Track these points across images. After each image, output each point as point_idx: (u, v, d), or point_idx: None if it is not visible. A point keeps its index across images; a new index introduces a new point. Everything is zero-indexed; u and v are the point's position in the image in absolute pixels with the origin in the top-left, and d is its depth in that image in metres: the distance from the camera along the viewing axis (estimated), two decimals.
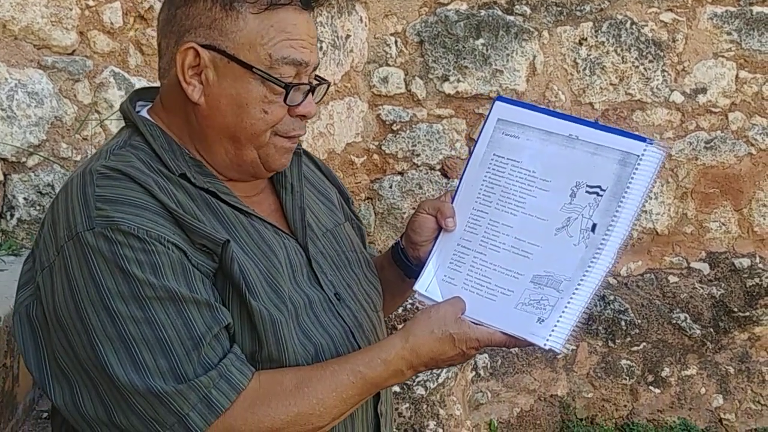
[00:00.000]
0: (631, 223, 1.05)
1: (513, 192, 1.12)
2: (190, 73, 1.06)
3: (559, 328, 1.03)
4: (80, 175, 1.04)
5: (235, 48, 1.05)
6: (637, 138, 1.07)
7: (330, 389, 1.01)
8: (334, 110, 2.96)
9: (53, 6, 2.22)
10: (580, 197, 1.08)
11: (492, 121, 1.17)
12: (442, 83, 3.09)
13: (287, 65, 1.06)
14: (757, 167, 3.44)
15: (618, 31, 3.20)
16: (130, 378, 0.95)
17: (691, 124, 3.34)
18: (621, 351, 3.17)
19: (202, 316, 0.98)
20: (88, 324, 0.96)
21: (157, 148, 1.07)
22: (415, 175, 3.15)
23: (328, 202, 1.29)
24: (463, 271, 1.13)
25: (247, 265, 1.04)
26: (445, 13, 3.06)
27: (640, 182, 1.06)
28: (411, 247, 1.23)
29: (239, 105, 1.06)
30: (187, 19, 1.07)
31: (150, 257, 0.97)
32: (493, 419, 3.02)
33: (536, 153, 1.12)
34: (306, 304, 1.10)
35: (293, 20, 1.07)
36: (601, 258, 1.05)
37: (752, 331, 3.31)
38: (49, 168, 2.24)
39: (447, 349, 1.05)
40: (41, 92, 2.22)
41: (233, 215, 1.09)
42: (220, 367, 0.98)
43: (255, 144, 1.08)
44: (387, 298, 1.32)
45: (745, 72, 3.34)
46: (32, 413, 1.90)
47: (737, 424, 3.33)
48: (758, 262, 3.43)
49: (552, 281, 1.06)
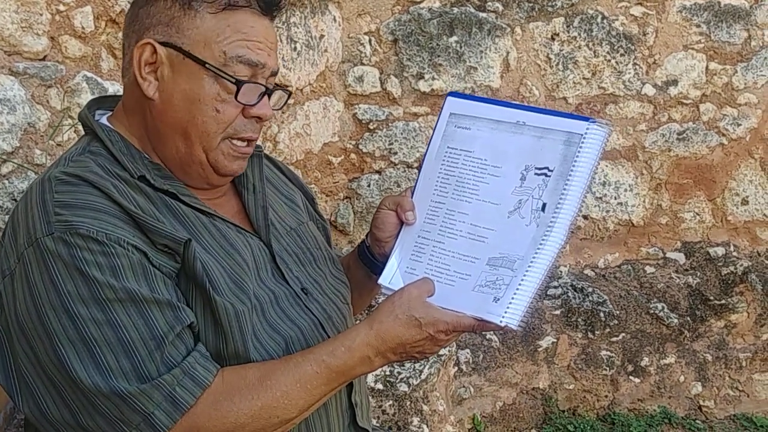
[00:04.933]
0: (580, 200, 1.09)
1: (467, 181, 1.16)
2: (146, 69, 1.07)
3: (513, 305, 1.05)
4: (39, 182, 1.05)
5: (190, 45, 1.06)
6: (580, 118, 1.11)
7: (293, 381, 1.01)
8: (310, 110, 2.96)
9: (23, 11, 2.20)
10: (529, 180, 1.11)
11: (445, 116, 1.20)
12: (417, 81, 3.10)
13: (241, 64, 1.07)
14: (728, 157, 3.49)
15: (589, 26, 3.23)
16: (94, 380, 0.95)
17: (663, 116, 3.38)
18: (600, 342, 3.20)
19: (164, 316, 0.99)
20: (50, 328, 0.97)
21: (116, 152, 1.08)
22: (392, 174, 3.16)
23: (291, 202, 1.30)
24: (423, 260, 1.15)
25: (210, 263, 1.05)
26: (419, 12, 3.08)
27: (586, 160, 1.09)
28: (376, 244, 1.25)
29: (192, 101, 1.06)
30: (148, 17, 1.08)
31: (110, 260, 0.97)
32: (477, 413, 3.04)
33: (487, 142, 1.16)
34: (272, 300, 1.11)
35: (251, 22, 1.08)
36: (552, 235, 1.08)
37: (728, 319, 3.36)
38: (23, 175, 2.22)
39: (414, 333, 1.05)
40: (13, 99, 2.20)
41: (194, 215, 1.09)
42: (184, 364, 0.98)
43: (204, 145, 1.09)
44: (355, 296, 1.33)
45: (714, 63, 3.38)
46: (13, 422, 1.89)
47: (716, 411, 3.38)
48: (732, 250, 3.48)
49: (506, 261, 1.09)
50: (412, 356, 1.09)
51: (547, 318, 3.15)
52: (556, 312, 3.17)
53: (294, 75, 2.80)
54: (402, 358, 1.08)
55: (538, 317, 3.13)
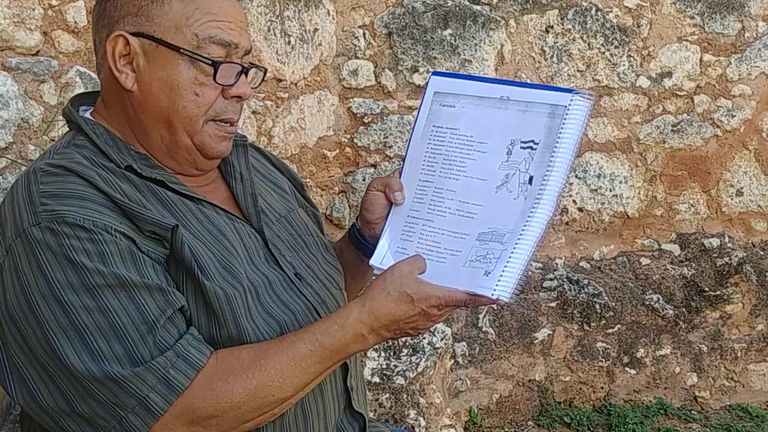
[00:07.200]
0: (566, 171, 1.09)
1: (454, 158, 1.16)
2: (122, 62, 1.08)
3: (504, 277, 1.05)
4: (25, 175, 1.05)
5: (162, 32, 1.06)
6: (564, 90, 1.12)
7: (288, 359, 1.01)
8: (304, 104, 2.95)
9: (15, 7, 2.19)
10: (516, 154, 1.12)
11: (429, 95, 1.21)
12: (412, 74, 3.10)
13: (214, 44, 1.07)
14: (723, 149, 3.50)
15: (583, 18, 3.23)
16: (87, 366, 0.96)
17: (657, 108, 3.39)
18: (596, 334, 3.21)
19: (155, 300, 0.99)
20: (41, 317, 0.97)
21: (101, 144, 1.08)
22: (388, 167, 3.16)
23: (280, 189, 1.31)
24: (414, 240, 1.16)
25: (198, 248, 1.05)
26: (413, 5, 3.07)
27: (570, 131, 1.09)
28: (366, 226, 1.25)
29: (171, 88, 1.07)
30: (116, 10, 1.08)
31: (98, 246, 0.97)
32: (473, 406, 3.05)
33: (472, 118, 1.16)
34: (266, 284, 1.11)
35: (218, 3, 1.09)
36: (540, 207, 1.08)
37: (723, 310, 3.37)
38: (17, 171, 2.21)
39: (406, 308, 1.05)
40: (6, 94, 2.19)
41: (181, 202, 1.10)
42: (177, 347, 0.99)
43: (188, 130, 1.09)
44: (348, 280, 1.34)
45: (708, 55, 3.39)
46: (9, 417, 1.89)
47: (712, 401, 3.39)
48: (727, 241, 3.49)
49: (496, 236, 1.09)
50: (405, 332, 1.09)
51: (543, 310, 3.16)
52: (551, 304, 3.18)
53: (288, 69, 2.79)
54: (396, 334, 1.08)
55: (534, 309, 3.13)
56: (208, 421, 0.99)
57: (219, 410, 0.98)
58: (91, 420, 0.97)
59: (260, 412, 1.02)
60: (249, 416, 1.01)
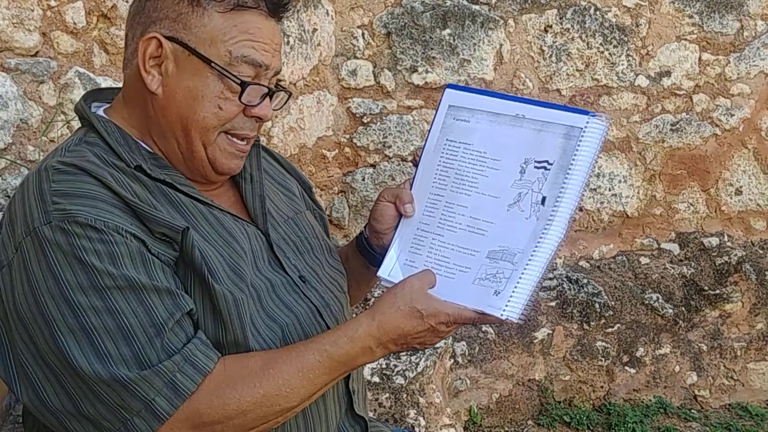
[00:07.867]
0: (579, 193, 1.09)
1: (466, 174, 1.16)
2: (151, 62, 1.07)
3: (514, 298, 1.06)
4: (36, 172, 1.05)
5: (197, 42, 1.06)
6: (580, 112, 1.11)
7: (296, 369, 1.02)
8: (303, 104, 2.95)
9: (14, 7, 2.19)
10: (529, 173, 1.11)
11: (443, 108, 1.20)
12: (411, 74, 3.10)
13: (246, 64, 1.07)
14: (722, 147, 3.50)
15: (582, 18, 3.23)
16: (94, 368, 0.95)
17: (656, 107, 3.39)
18: (596, 333, 3.21)
19: (163, 303, 0.99)
20: (49, 317, 0.97)
21: (112, 142, 1.08)
22: (387, 167, 3.16)
23: (288, 191, 1.31)
24: (423, 253, 1.15)
25: (209, 251, 1.05)
26: (411, 5, 3.07)
27: (585, 153, 1.09)
28: (374, 236, 1.25)
29: (195, 98, 1.07)
30: (155, 11, 1.08)
31: (108, 247, 0.97)
32: (473, 405, 3.05)
33: (486, 134, 1.16)
34: (268, 288, 1.11)
35: (258, 23, 1.09)
36: (552, 228, 1.08)
37: (723, 309, 3.37)
38: (16, 171, 2.21)
39: (415, 324, 1.05)
40: (5, 95, 2.19)
41: (191, 204, 1.10)
42: (185, 351, 0.98)
43: (203, 139, 1.09)
44: (352, 287, 1.33)
45: (707, 54, 3.39)
46: (9, 418, 1.88)
47: (711, 400, 3.39)
48: (726, 240, 3.49)
49: (506, 255, 1.09)
50: (412, 347, 1.09)
51: (543, 310, 3.16)
52: (551, 304, 3.18)
53: (287, 69, 2.79)
54: (403, 348, 1.08)
55: (534, 309, 3.13)
56: (212, 427, 0.99)
57: (224, 417, 0.98)
58: (96, 422, 0.97)
59: (265, 420, 1.02)
60: (253, 424, 1.01)
